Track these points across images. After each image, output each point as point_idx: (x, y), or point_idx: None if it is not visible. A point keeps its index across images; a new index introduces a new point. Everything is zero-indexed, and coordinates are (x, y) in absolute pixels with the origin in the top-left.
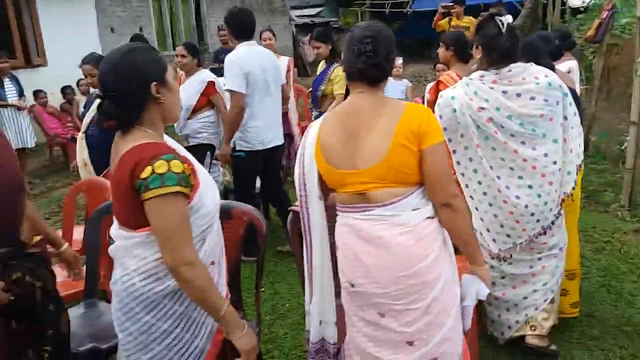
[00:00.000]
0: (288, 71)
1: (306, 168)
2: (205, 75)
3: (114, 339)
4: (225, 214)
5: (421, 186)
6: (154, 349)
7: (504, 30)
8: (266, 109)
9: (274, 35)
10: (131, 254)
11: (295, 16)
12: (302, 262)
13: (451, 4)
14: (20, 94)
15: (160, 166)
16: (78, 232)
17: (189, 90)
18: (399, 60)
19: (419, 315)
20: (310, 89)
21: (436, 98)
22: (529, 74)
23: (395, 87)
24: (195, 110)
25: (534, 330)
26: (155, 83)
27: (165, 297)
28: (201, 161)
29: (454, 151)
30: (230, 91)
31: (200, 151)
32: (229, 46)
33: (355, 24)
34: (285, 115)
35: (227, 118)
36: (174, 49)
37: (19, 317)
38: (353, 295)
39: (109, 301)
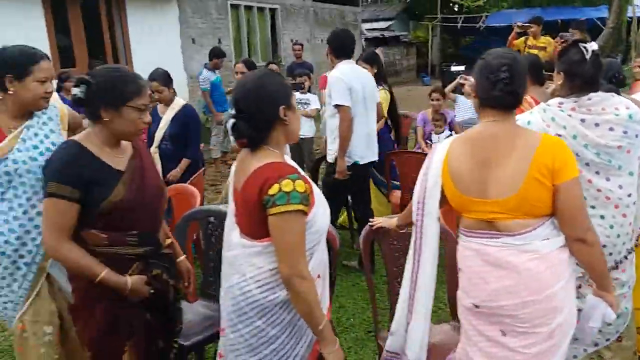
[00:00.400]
0: None
1: (428, 188)
2: None
3: (194, 337)
4: None
5: (551, 217)
6: (261, 352)
7: (588, 56)
8: (364, 125)
9: None
10: (249, 262)
11: (366, 29)
12: (372, 277)
13: (528, 23)
14: None
15: (287, 185)
16: None
17: None
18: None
19: (542, 339)
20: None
21: None
22: (609, 105)
23: (469, 106)
24: None
25: None
26: (283, 107)
27: (276, 305)
28: None
29: None
30: (339, 106)
31: None
32: (302, 60)
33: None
34: None
35: (340, 133)
36: None
37: (154, 311)
38: (476, 314)
39: (188, 301)
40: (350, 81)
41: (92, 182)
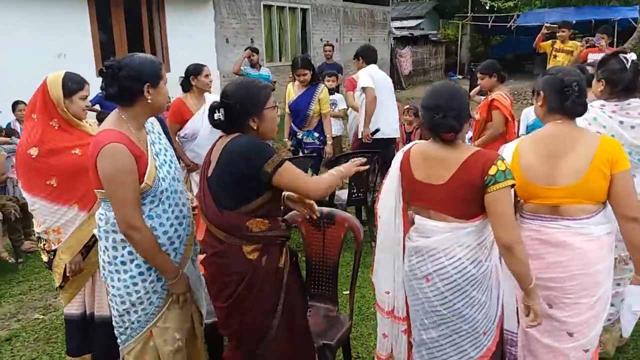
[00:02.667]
0: None
1: None
2: None
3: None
4: (329, 220)
5: (605, 207)
6: (474, 318)
7: (628, 65)
8: (388, 108)
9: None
10: (458, 242)
11: (395, 28)
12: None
13: (556, 25)
14: None
15: (501, 165)
16: None
17: None
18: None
19: (585, 309)
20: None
21: (487, 115)
22: None
23: None
24: None
25: None
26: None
27: (484, 274)
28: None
29: None
30: (365, 88)
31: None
32: (332, 61)
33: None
34: None
35: (366, 106)
36: (280, 60)
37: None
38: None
39: None
40: (373, 74)
41: None
